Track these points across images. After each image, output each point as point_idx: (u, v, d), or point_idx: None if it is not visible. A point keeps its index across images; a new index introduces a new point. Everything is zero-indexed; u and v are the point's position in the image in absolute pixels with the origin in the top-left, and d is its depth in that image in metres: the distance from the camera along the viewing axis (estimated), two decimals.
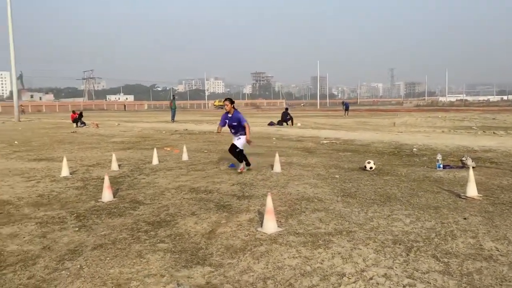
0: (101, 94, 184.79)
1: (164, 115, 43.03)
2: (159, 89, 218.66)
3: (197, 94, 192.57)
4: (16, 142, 15.79)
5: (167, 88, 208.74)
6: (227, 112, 8.52)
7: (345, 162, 9.82)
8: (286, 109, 27.31)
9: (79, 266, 3.75)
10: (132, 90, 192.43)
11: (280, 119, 26.02)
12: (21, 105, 52.17)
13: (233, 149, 8.49)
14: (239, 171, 8.40)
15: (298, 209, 5.62)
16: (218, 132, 9.05)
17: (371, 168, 8.62)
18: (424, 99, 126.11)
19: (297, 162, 9.91)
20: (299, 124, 25.47)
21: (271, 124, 25.70)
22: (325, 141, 14.62)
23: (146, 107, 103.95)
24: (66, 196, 6.65)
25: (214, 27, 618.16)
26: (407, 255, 3.92)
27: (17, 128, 24.79)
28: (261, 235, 4.53)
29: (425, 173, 8.25)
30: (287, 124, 25.34)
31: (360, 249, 4.07)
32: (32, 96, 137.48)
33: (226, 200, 6.16)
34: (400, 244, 4.21)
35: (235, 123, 8.53)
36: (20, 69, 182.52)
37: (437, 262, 3.75)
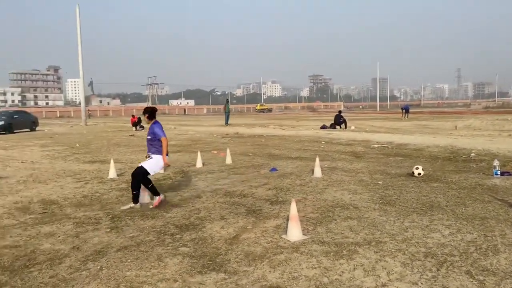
0: (164, 99, 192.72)
1: (220, 119, 43.71)
2: (218, 93, 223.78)
3: (254, 98, 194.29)
4: (77, 144, 16.79)
5: (226, 92, 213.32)
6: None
7: (393, 168, 9.37)
8: (340, 112, 26.71)
9: (99, 267, 3.84)
10: (193, 95, 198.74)
11: (333, 122, 25.50)
12: (88, 110, 55.52)
13: (138, 174, 6.11)
14: (151, 206, 6.15)
15: (330, 216, 5.40)
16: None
17: (419, 174, 8.14)
18: (494, 101, 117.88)
19: (341, 167, 9.61)
20: (353, 127, 24.81)
21: (323, 127, 25.26)
22: (376, 145, 14.08)
23: (205, 111, 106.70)
24: (107, 198, 6.91)
25: (272, 30, 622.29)
26: (438, 270, 3.61)
27: (82, 132, 26.38)
28: (284, 243, 4.39)
29: (478, 180, 7.64)
30: (340, 127, 24.77)
31: (386, 262, 3.81)
32: (101, 101, 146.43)
33: (258, 205, 6.08)
34: (432, 258, 3.88)
35: (149, 137, 6.30)
36: (91, 76, 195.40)
37: (470, 280, 3.41)
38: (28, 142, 18.59)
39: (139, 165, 6.23)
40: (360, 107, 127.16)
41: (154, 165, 6.23)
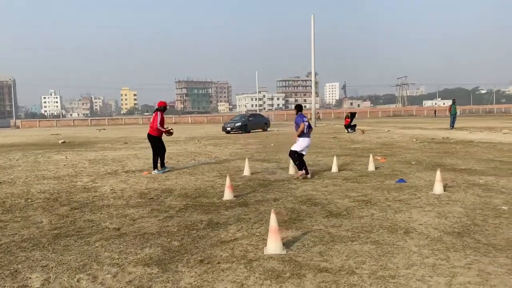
0: (418, 99, 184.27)
1: (459, 121, 38.40)
2: (483, 91, 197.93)
3: None
4: (272, 144, 18.60)
5: (493, 90, 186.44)
6: None
7: None
8: None
9: (99, 245, 4.70)
10: (451, 95, 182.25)
11: None
12: (318, 112, 58.88)
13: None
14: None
15: (357, 237, 4.70)
16: None
17: None
18: None
19: (496, 185, 7.65)
20: None
21: None
22: None
23: (458, 112, 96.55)
24: (211, 192, 7.79)
25: None
26: None
27: None
28: (254, 254, 4.21)
29: None
30: None
31: None
32: (351, 104, 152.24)
33: (310, 215, 5.76)
34: None
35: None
36: (345, 79, 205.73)
37: None
38: (242, 140, 21.75)
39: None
40: None
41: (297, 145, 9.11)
